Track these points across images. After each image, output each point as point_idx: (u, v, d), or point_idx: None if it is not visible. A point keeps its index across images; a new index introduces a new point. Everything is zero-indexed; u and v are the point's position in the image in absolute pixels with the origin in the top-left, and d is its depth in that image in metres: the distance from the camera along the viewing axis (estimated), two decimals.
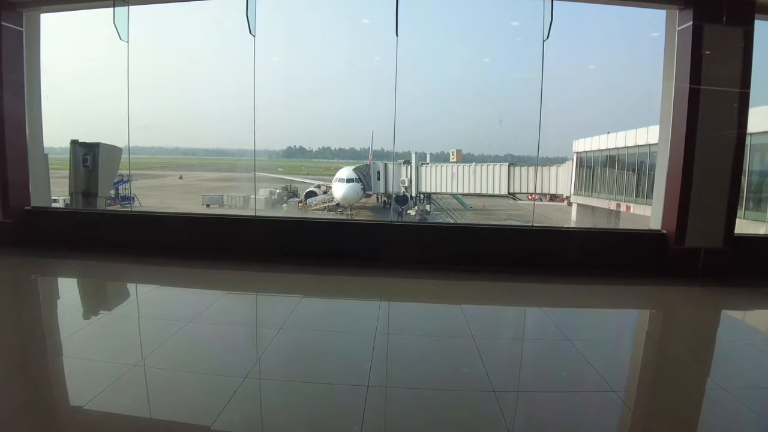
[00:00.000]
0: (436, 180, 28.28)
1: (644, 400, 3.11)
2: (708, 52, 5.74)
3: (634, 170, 20.01)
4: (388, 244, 6.34)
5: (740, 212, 9.26)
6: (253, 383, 3.03)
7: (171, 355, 3.42)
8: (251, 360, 3.44)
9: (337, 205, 29.87)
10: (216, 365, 3.35)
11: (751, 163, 14.65)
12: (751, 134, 6.08)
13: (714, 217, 5.97)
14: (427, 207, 29.67)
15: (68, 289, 5.51)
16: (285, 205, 31.72)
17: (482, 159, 30.41)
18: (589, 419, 2.81)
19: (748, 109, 5.90)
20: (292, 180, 38.83)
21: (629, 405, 2.98)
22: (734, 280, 5.89)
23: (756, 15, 5.73)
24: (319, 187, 34.58)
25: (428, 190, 29.14)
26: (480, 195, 28.84)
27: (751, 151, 14.06)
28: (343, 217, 25.05)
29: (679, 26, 5.94)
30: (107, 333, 3.97)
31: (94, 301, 5.13)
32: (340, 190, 28.90)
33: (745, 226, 12.94)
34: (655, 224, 6.38)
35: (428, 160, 30.21)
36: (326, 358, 3.52)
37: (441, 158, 31.75)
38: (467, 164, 28.27)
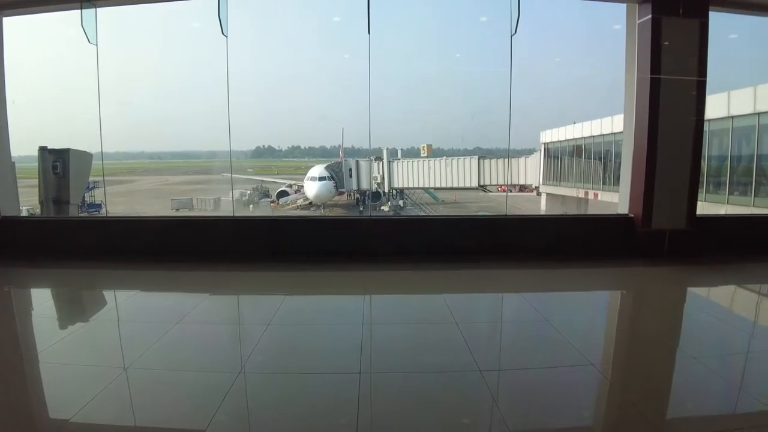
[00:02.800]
0: (408, 175, 28.50)
1: (621, 372, 3.32)
2: (667, 44, 6.02)
3: (600, 158, 20.59)
4: (365, 238, 6.45)
5: (701, 195, 9.70)
6: (245, 381, 3.06)
7: (160, 358, 3.41)
8: (241, 359, 3.47)
9: (310, 203, 29.79)
10: (206, 366, 3.36)
11: (710, 148, 15.28)
12: (709, 121, 6.39)
13: (677, 200, 6.29)
14: (400, 202, 29.88)
15: (46, 299, 5.40)
16: (252, 206, 31.34)
17: (452, 153, 30.83)
18: (570, 391, 2.97)
19: (706, 97, 6.22)
20: (262, 180, 38.44)
21: (607, 377, 3.16)
22: (698, 258, 6.20)
23: (710, 7, 6.04)
24: (290, 186, 34.38)
25: (400, 186, 29.35)
26: (451, 188, 29.19)
27: (710, 137, 14.68)
28: (318, 214, 25.02)
29: (639, 19, 6.20)
30: (92, 339, 3.93)
31: (75, 310, 5.02)
32: (312, 188, 28.84)
33: (706, 208, 13.53)
34: (623, 209, 6.67)
35: (399, 155, 30.39)
36: (316, 352, 3.59)
37: (412, 153, 31.99)
38: (438, 158, 28.57)
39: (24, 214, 10.10)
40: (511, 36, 6.22)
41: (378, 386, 2.98)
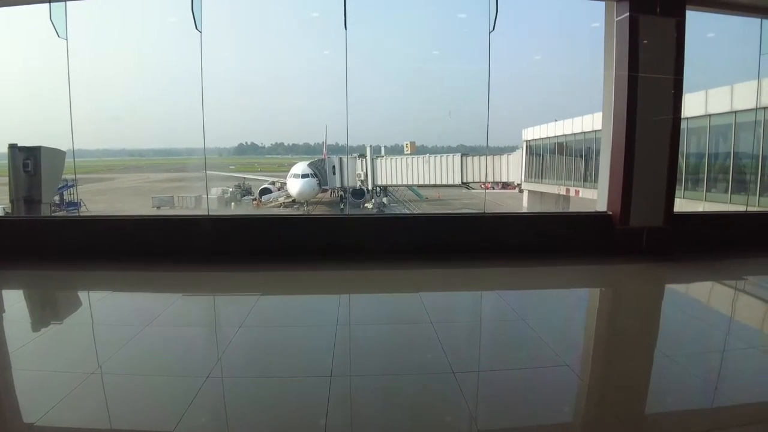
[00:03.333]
0: (392, 172, 28.47)
1: (596, 372, 3.30)
2: (645, 42, 6.04)
3: (581, 156, 20.77)
4: (346, 237, 6.37)
5: (679, 192, 9.81)
6: (214, 383, 2.98)
7: (129, 361, 3.32)
8: (211, 361, 3.37)
9: (293, 201, 29.59)
10: (175, 368, 3.28)
11: (688, 146, 15.48)
12: (687, 119, 6.44)
13: (655, 197, 6.33)
14: (384, 200, 29.83)
15: (15, 301, 5.23)
16: (233, 203, 31.06)
17: (436, 150, 30.87)
18: (545, 393, 2.94)
19: (683, 95, 6.27)
20: (244, 177, 38.10)
21: (582, 378, 3.13)
22: (675, 255, 6.25)
23: (687, 6, 6.08)
24: (273, 183, 34.11)
25: (384, 183, 29.30)
26: (435, 186, 29.23)
27: (688, 135, 14.87)
28: (300, 212, 24.86)
29: (617, 17, 6.22)
30: (60, 342, 3.83)
31: (44, 312, 4.88)
32: (295, 186, 28.62)
33: (684, 205, 13.71)
34: (601, 206, 6.69)
35: (383, 152, 30.34)
36: (288, 354, 3.51)
37: (395, 151, 31.95)
38: (421, 156, 28.57)
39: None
40: (490, 33, 6.19)
41: (350, 390, 2.92)
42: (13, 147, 8.83)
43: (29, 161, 8.85)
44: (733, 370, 3.30)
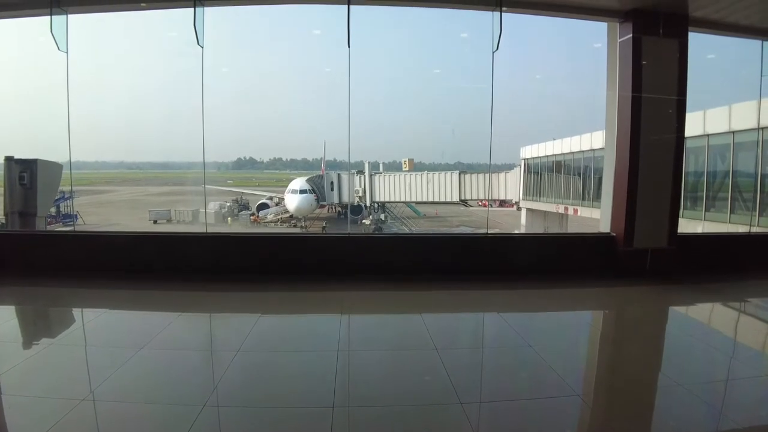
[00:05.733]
0: (390, 189, 28.45)
1: (608, 402, 3.19)
2: (647, 63, 6.03)
3: (579, 174, 20.75)
4: (345, 256, 6.28)
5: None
6: (211, 412, 2.87)
7: (122, 387, 3.19)
8: (208, 388, 3.23)
9: (291, 217, 29.47)
10: (171, 396, 3.16)
11: (687, 165, 15.48)
12: (686, 138, 6.42)
13: (658, 219, 6.27)
14: (382, 216, 29.75)
15: (5, 318, 5.08)
16: (229, 218, 30.90)
17: (434, 167, 30.86)
18: (557, 426, 2.83)
19: (685, 115, 6.24)
20: (242, 192, 38.00)
21: (593, 407, 3.02)
22: (679, 277, 6.16)
23: (690, 28, 6.08)
24: (271, 198, 33.99)
25: (382, 200, 29.25)
26: (433, 203, 29.20)
27: (687, 154, 14.87)
28: (297, 229, 24.75)
29: (620, 38, 6.22)
30: (51, 365, 3.67)
31: (36, 330, 4.75)
32: (293, 201, 28.53)
33: (684, 224, 13.65)
34: (605, 227, 6.61)
35: (381, 169, 30.36)
36: (288, 380, 3.40)
37: (393, 167, 32.00)
38: (420, 173, 28.59)
39: None
40: (493, 53, 6.16)
41: (350, 421, 2.80)
42: (9, 159, 8.71)
43: (25, 174, 8.73)
44: (744, 398, 3.22)
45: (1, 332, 4.53)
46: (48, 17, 6.06)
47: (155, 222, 28.85)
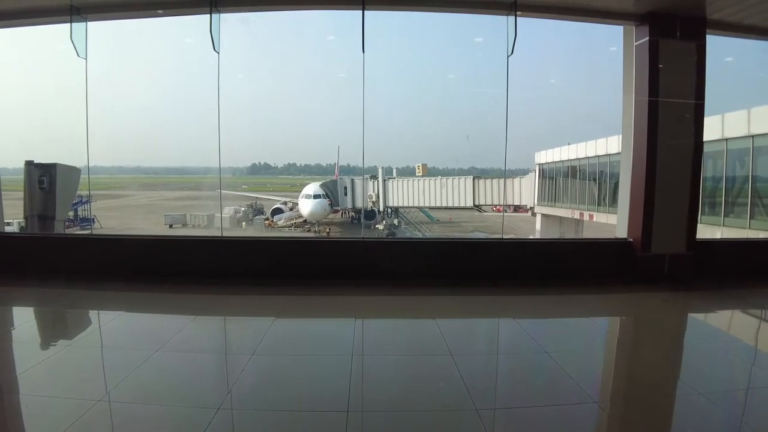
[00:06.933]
0: (403, 194, 28.41)
1: (625, 410, 3.13)
2: (664, 66, 5.95)
3: (594, 179, 20.55)
4: (359, 261, 6.27)
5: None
6: (226, 415, 2.88)
7: (138, 388, 3.22)
8: (222, 391, 3.26)
9: (305, 221, 29.59)
10: (186, 397, 3.19)
11: (705, 170, 15.26)
12: (704, 142, 6.34)
13: (677, 224, 6.17)
14: (395, 221, 29.74)
15: (24, 320, 5.18)
16: (244, 223, 31.15)
17: (447, 172, 30.78)
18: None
19: (704, 119, 6.15)
20: (257, 197, 38.26)
21: (610, 415, 2.97)
22: (698, 283, 6.06)
23: (707, 30, 5.99)
24: (285, 203, 34.16)
25: (395, 205, 29.24)
26: (446, 208, 29.09)
27: (705, 159, 14.66)
28: (311, 234, 24.81)
29: (636, 41, 6.15)
30: (68, 366, 3.72)
31: (54, 332, 4.82)
32: (307, 206, 28.65)
33: (702, 229, 13.44)
34: (621, 233, 6.53)
35: (394, 174, 30.34)
36: (302, 384, 3.40)
37: (407, 172, 31.93)
38: (433, 178, 28.51)
39: (14, 228, 9.87)
40: (508, 57, 6.13)
41: (365, 426, 2.79)
42: (29, 163, 8.88)
43: (45, 178, 8.88)
44: (765, 408, 3.14)
45: (21, 333, 4.65)
46: (68, 24, 6.19)
47: (171, 226, 29.16)
